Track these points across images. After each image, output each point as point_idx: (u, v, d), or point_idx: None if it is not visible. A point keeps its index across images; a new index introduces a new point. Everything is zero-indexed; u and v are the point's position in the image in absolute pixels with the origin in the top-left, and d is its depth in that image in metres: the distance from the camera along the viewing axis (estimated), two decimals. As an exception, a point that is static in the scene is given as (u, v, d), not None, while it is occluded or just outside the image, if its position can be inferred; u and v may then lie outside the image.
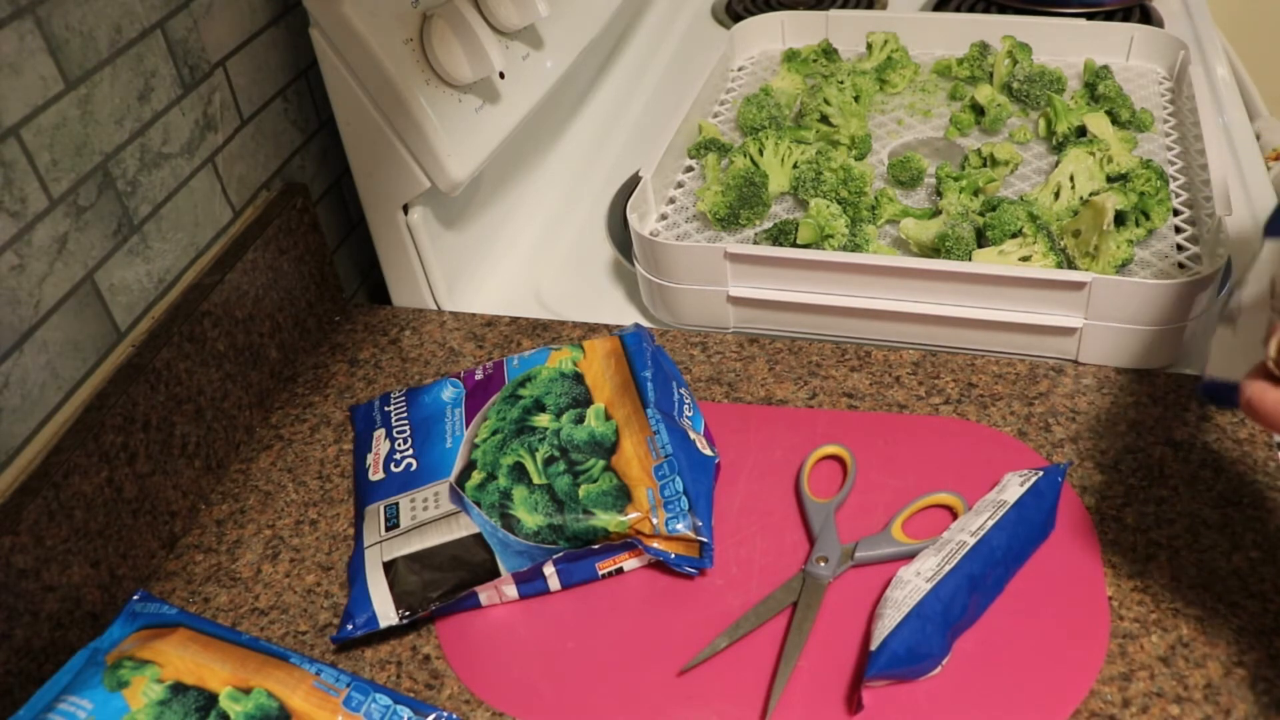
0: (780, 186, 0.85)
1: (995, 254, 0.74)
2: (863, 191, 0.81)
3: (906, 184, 0.85)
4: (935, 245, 0.75)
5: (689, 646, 0.57)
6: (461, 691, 0.57)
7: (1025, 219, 0.74)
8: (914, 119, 0.94)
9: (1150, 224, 0.76)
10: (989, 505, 0.60)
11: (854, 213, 0.80)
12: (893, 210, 0.81)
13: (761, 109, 0.92)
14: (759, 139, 0.86)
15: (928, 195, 0.85)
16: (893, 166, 0.86)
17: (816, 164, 0.83)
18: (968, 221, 0.76)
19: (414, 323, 0.83)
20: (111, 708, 0.49)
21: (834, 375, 0.73)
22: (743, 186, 0.81)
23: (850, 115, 0.90)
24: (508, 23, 0.77)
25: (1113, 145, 0.83)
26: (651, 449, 0.62)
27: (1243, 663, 0.54)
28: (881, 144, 0.91)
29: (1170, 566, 0.59)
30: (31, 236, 0.57)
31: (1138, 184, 0.77)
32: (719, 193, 0.82)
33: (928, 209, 0.82)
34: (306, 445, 0.73)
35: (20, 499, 0.55)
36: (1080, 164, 0.80)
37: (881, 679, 0.53)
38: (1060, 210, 0.79)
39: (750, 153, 0.86)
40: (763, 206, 0.82)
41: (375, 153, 0.75)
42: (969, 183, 0.81)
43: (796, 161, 0.85)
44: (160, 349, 0.65)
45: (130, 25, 0.63)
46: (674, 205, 0.86)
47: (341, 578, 0.64)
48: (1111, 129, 0.86)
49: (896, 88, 0.98)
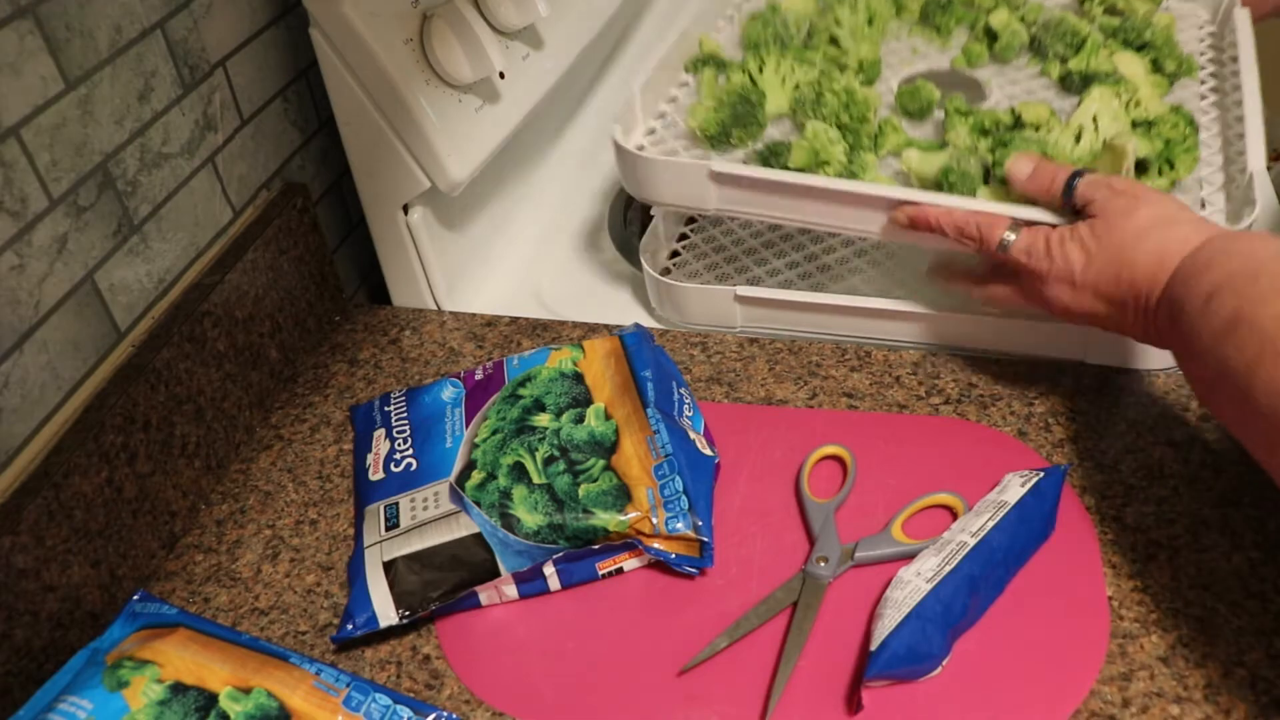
0: (779, 108, 0.79)
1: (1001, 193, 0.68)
2: (865, 118, 0.74)
3: (915, 115, 0.79)
4: (938, 179, 0.70)
5: (689, 646, 0.57)
6: (461, 691, 0.57)
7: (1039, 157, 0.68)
8: (930, 48, 0.87)
9: (1174, 174, 0.70)
10: (989, 505, 0.60)
11: (854, 140, 0.74)
12: (896, 141, 0.75)
13: (768, 25, 0.85)
14: (759, 55, 0.80)
15: (936, 129, 0.79)
16: (901, 95, 0.80)
17: (818, 85, 0.76)
18: (975, 156, 0.71)
19: (414, 323, 0.83)
20: (111, 708, 0.49)
21: (834, 375, 0.73)
22: (737, 103, 0.75)
23: (861, 39, 0.83)
24: (508, 23, 0.77)
25: (1142, 88, 0.75)
26: (651, 449, 0.62)
27: (1243, 663, 0.54)
28: (893, 72, 0.84)
29: (1170, 566, 0.59)
30: (31, 236, 0.57)
31: (1164, 130, 0.71)
32: (711, 109, 0.76)
33: (934, 141, 0.76)
34: (306, 445, 0.73)
35: (20, 499, 0.55)
36: (1105, 104, 0.73)
37: (881, 679, 0.53)
38: (1081, 155, 0.71)
39: (749, 69, 0.79)
40: (757, 126, 0.76)
41: (375, 153, 0.75)
42: (976, 120, 0.74)
43: (798, 83, 0.78)
44: (160, 349, 0.65)
45: (130, 25, 0.63)
46: (664, 121, 0.80)
47: (341, 578, 0.64)
48: (1144, 72, 0.79)
49: (913, 13, 0.90)
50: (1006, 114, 0.74)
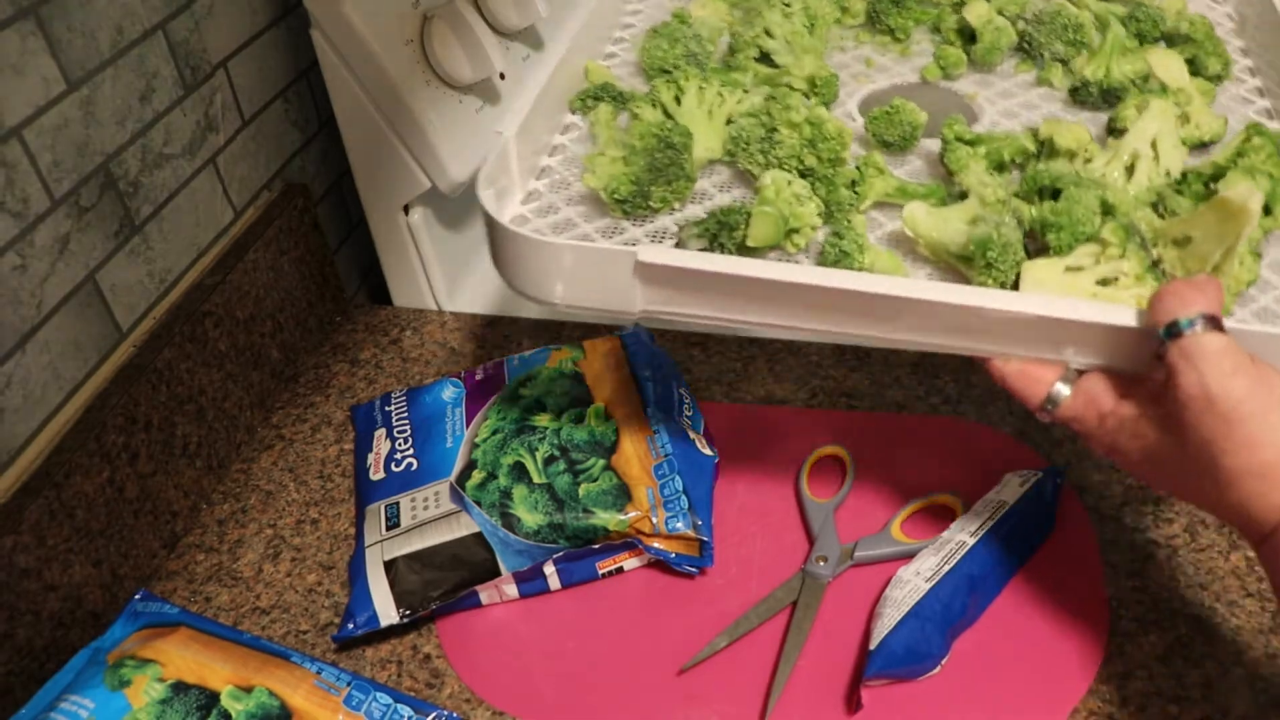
0: (710, 151, 0.57)
1: (1060, 271, 0.48)
2: (840, 158, 0.54)
3: (894, 146, 0.58)
4: (964, 253, 0.49)
5: (689, 646, 0.57)
6: (462, 690, 0.57)
7: (1103, 213, 0.49)
8: (886, 59, 0.67)
9: (1273, 221, 0.51)
10: (989, 505, 0.60)
11: (827, 191, 0.53)
12: (884, 187, 0.54)
13: (676, 43, 0.63)
14: (674, 81, 0.59)
15: (928, 165, 0.58)
16: (875, 120, 0.58)
17: (766, 114, 0.55)
18: (1009, 213, 0.50)
19: (414, 323, 0.84)
20: (113, 707, 0.49)
21: (834, 375, 0.73)
22: (655, 150, 0.53)
23: (803, 52, 0.63)
24: (508, 23, 0.77)
25: (1194, 99, 0.58)
26: (651, 448, 0.62)
27: (1240, 662, 0.54)
28: (846, 92, 0.64)
29: (1169, 566, 0.59)
30: (33, 237, 0.57)
31: (1255, 159, 0.51)
32: (617, 160, 0.54)
33: (934, 186, 0.55)
34: (307, 445, 0.73)
35: (22, 499, 0.55)
36: (1165, 122, 0.54)
37: (881, 678, 0.53)
38: (1139, 195, 0.52)
39: (663, 100, 0.59)
40: (685, 181, 0.54)
41: (376, 153, 0.75)
42: (992, 151, 0.55)
43: (732, 114, 0.58)
44: (162, 349, 0.65)
45: (132, 26, 0.63)
46: (548, 181, 0.58)
47: (342, 577, 0.64)
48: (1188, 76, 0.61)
49: (857, 16, 0.70)
50: (1028, 138, 0.56)
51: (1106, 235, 0.48)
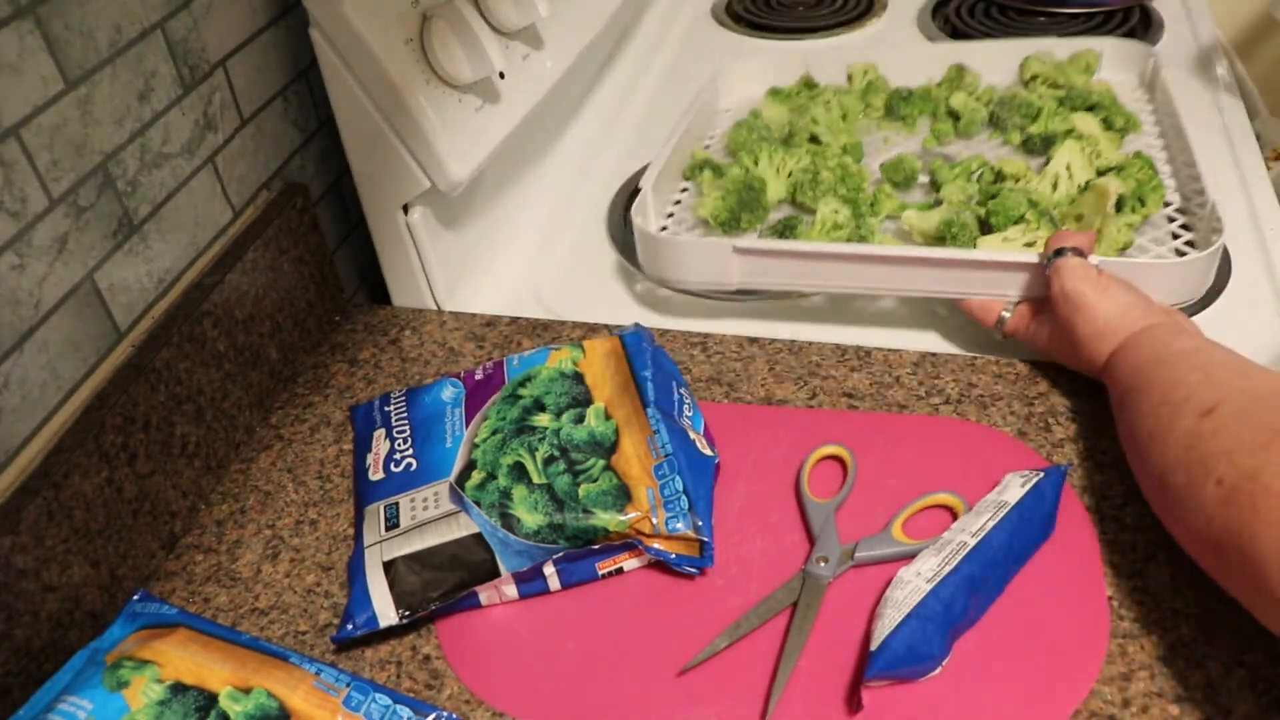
0: (777, 194, 0.87)
1: (1000, 240, 0.75)
2: (860, 188, 0.83)
3: (901, 184, 0.88)
4: (939, 233, 0.77)
5: (689, 646, 0.57)
6: (461, 691, 0.57)
7: (1027, 205, 0.76)
8: (899, 136, 0.96)
9: (1145, 210, 0.78)
10: (990, 506, 0.60)
11: (854, 208, 0.81)
12: (891, 205, 0.83)
13: (752, 131, 0.92)
14: (751, 153, 0.88)
15: (924, 193, 0.88)
16: (886, 168, 0.88)
17: (813, 165, 0.85)
18: (970, 210, 0.78)
19: (414, 323, 0.83)
20: (111, 708, 0.49)
21: (834, 375, 0.73)
22: (742, 191, 0.82)
23: (839, 132, 0.93)
24: (508, 23, 0.77)
25: (1101, 142, 0.85)
26: (651, 449, 0.62)
27: (1242, 662, 0.54)
28: (871, 158, 0.92)
29: (1170, 566, 0.59)
30: (32, 236, 0.57)
31: (1132, 171, 0.80)
32: (719, 198, 0.83)
33: (926, 203, 0.84)
34: (306, 445, 0.73)
35: (20, 499, 0.55)
36: (1075, 155, 0.83)
37: (881, 679, 0.53)
38: (1059, 200, 0.80)
39: (745, 164, 0.88)
40: (762, 210, 0.84)
41: (375, 153, 0.75)
42: (963, 168, 0.84)
43: (791, 170, 0.87)
44: (160, 349, 0.65)
45: (130, 25, 0.63)
46: (673, 218, 0.88)
47: (341, 578, 0.64)
48: (1099, 128, 0.89)
49: (878, 110, 0.99)
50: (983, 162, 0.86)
51: (1029, 217, 0.76)
